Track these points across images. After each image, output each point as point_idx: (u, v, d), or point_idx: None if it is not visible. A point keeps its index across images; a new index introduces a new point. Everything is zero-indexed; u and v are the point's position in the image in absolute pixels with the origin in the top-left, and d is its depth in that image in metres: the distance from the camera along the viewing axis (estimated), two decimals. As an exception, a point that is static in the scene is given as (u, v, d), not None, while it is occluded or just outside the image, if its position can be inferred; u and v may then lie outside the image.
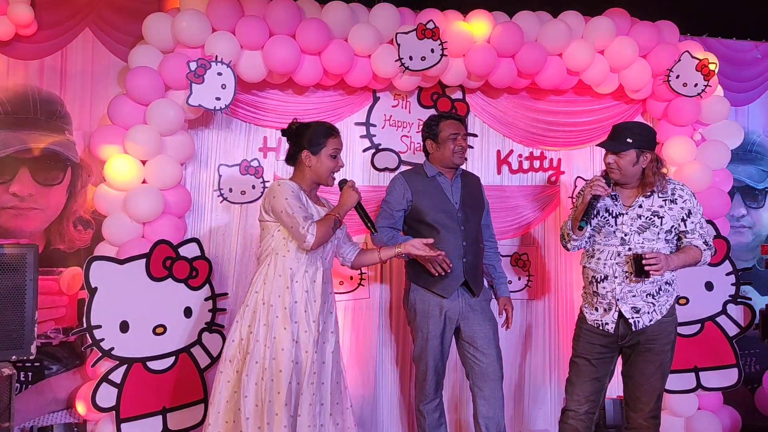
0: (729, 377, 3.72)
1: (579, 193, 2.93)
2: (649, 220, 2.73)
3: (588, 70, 3.69)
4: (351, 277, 3.68)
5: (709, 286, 3.76)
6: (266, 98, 3.61)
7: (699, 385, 3.70)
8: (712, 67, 3.70)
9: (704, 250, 2.76)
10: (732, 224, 4.05)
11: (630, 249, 2.74)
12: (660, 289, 2.75)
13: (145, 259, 3.16)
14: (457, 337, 3.20)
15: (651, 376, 2.79)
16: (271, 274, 2.72)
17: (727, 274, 3.76)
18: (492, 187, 3.82)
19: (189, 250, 3.31)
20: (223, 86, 3.24)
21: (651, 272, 2.60)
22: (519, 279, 3.92)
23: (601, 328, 2.79)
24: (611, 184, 2.75)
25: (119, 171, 3.19)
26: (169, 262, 3.23)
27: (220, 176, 3.60)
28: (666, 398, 3.72)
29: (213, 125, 3.61)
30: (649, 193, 2.75)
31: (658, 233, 2.72)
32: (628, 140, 2.67)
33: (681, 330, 3.66)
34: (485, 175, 3.87)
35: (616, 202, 2.79)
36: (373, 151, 3.78)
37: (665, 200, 2.75)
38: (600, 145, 2.81)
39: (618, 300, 2.73)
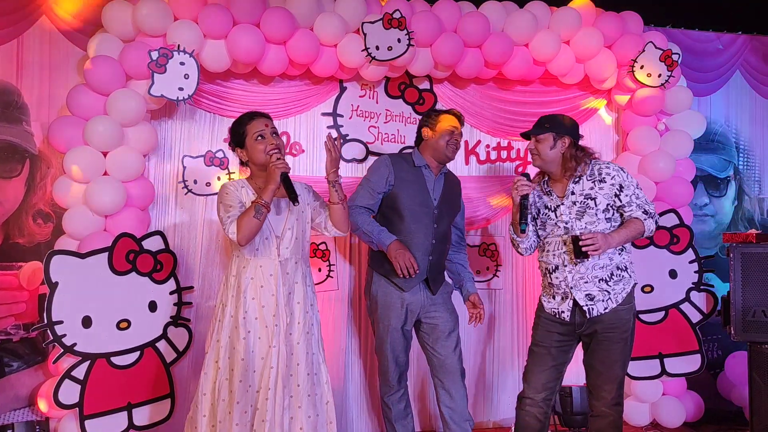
0: (692, 363, 3.77)
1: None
2: (584, 204, 2.79)
3: (554, 61, 3.71)
4: (319, 269, 3.66)
5: (672, 273, 3.80)
6: (231, 88, 3.57)
7: (663, 371, 3.76)
8: (675, 57, 3.74)
9: (645, 219, 2.80)
10: (695, 213, 4.11)
11: None
12: (612, 274, 2.78)
13: (107, 253, 3.11)
14: (417, 328, 3.19)
15: (612, 364, 2.81)
16: (228, 274, 2.74)
17: (691, 262, 3.80)
18: (460, 177, 3.77)
19: (153, 243, 3.26)
20: (186, 76, 3.19)
21: (589, 252, 2.66)
22: (487, 269, 3.94)
23: (557, 316, 2.83)
24: (544, 181, 2.86)
25: (80, 163, 3.13)
26: (132, 255, 3.17)
27: (184, 168, 3.55)
28: (631, 384, 3.82)
29: (176, 116, 3.56)
30: (577, 179, 2.82)
31: (596, 214, 2.77)
32: (546, 125, 2.84)
33: (646, 317, 3.78)
34: (453, 165, 3.81)
35: (551, 197, 2.87)
36: (340, 142, 3.69)
37: (594, 181, 2.81)
38: (522, 134, 2.93)
39: (572, 288, 2.77)
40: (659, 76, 3.73)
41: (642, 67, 3.72)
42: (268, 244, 2.69)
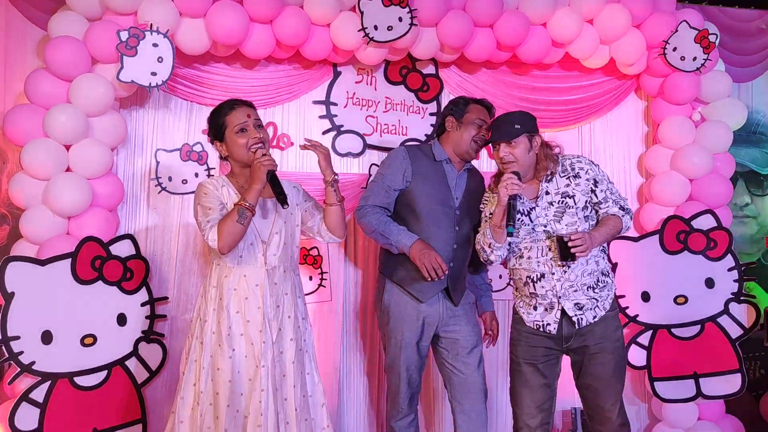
0: (732, 384, 3.63)
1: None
2: (562, 203, 2.69)
3: (575, 42, 3.55)
4: (310, 278, 3.49)
5: (709, 282, 3.65)
6: (210, 73, 3.44)
7: (699, 393, 3.62)
8: (712, 38, 3.61)
9: (623, 215, 2.76)
10: (735, 214, 3.94)
11: None
12: (598, 280, 2.70)
13: (70, 259, 3.00)
14: (435, 343, 3.01)
15: (611, 377, 2.71)
16: (207, 285, 2.63)
17: (730, 270, 3.65)
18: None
19: (122, 248, 3.16)
20: (160, 59, 3.07)
21: (577, 254, 2.54)
22: (500, 277, 3.72)
23: (541, 329, 2.70)
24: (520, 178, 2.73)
25: (39, 157, 3.01)
26: (98, 262, 3.06)
27: (157, 163, 3.43)
28: (663, 408, 3.73)
29: (149, 104, 3.44)
30: (550, 177, 2.72)
31: (576, 214, 2.68)
32: (516, 126, 2.67)
33: (679, 332, 3.70)
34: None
35: (521, 200, 2.73)
36: (334, 133, 3.57)
37: (569, 177, 2.72)
38: (488, 142, 2.76)
39: (560, 297, 2.66)
40: (694, 59, 3.59)
41: (675, 49, 3.57)
42: (253, 251, 2.57)
